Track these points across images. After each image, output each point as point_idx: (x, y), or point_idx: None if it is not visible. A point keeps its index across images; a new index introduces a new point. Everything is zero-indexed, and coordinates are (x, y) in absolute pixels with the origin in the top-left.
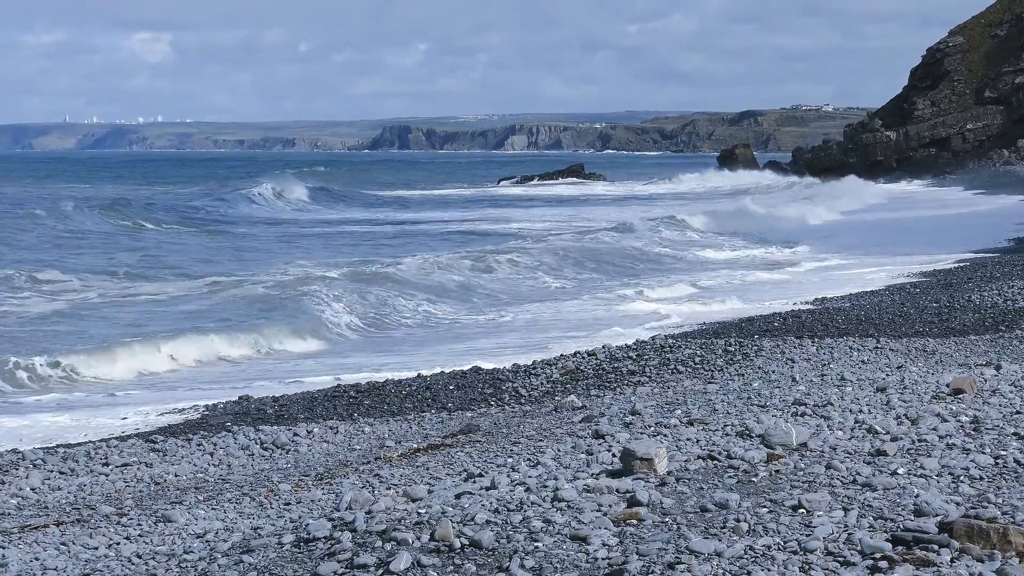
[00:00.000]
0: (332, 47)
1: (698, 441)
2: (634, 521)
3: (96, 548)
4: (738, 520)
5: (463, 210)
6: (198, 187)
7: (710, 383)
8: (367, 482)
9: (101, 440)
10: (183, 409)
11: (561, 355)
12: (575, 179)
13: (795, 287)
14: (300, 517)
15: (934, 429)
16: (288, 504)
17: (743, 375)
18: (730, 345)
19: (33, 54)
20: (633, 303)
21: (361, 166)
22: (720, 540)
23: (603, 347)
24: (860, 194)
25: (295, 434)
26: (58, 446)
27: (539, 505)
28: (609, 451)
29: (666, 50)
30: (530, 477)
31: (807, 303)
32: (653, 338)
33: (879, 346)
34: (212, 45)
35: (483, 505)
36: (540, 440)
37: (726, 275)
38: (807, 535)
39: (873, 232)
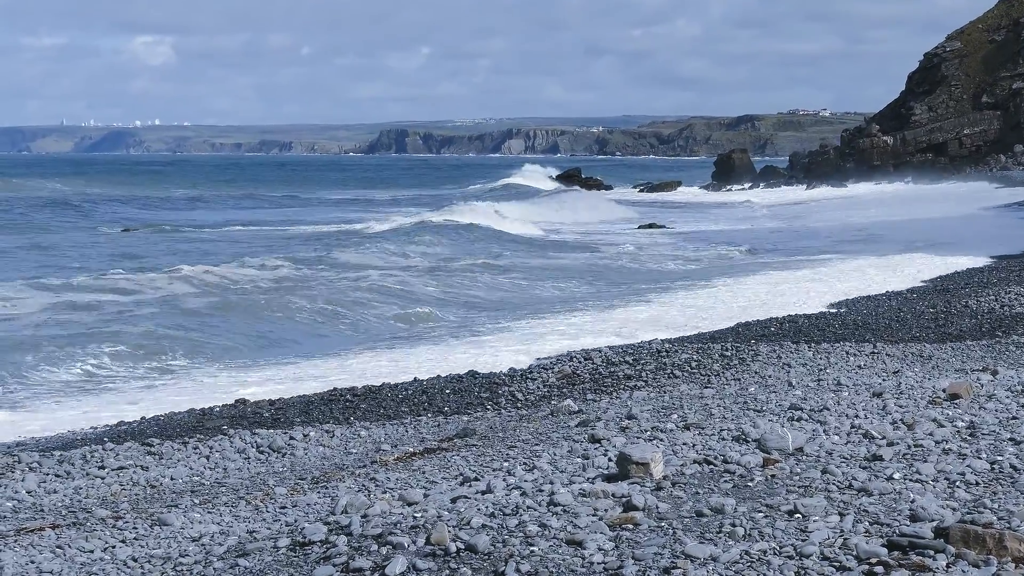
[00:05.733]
0: (335, 51)
1: (694, 446)
2: (630, 525)
3: (92, 551)
4: (734, 525)
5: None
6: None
7: (707, 388)
8: (363, 486)
9: (97, 443)
10: (177, 412)
11: (558, 359)
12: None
13: None
14: (296, 521)
15: (930, 434)
16: (284, 508)
17: (739, 380)
18: (727, 350)
19: (35, 57)
20: None
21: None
22: (716, 545)
23: (599, 351)
24: (955, 193)
25: (291, 438)
26: (55, 449)
27: (535, 509)
28: (605, 455)
29: (668, 55)
30: (526, 481)
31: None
32: (650, 342)
33: (876, 351)
34: (214, 49)
35: (479, 509)
36: (536, 444)
37: None
38: (803, 540)
39: None
